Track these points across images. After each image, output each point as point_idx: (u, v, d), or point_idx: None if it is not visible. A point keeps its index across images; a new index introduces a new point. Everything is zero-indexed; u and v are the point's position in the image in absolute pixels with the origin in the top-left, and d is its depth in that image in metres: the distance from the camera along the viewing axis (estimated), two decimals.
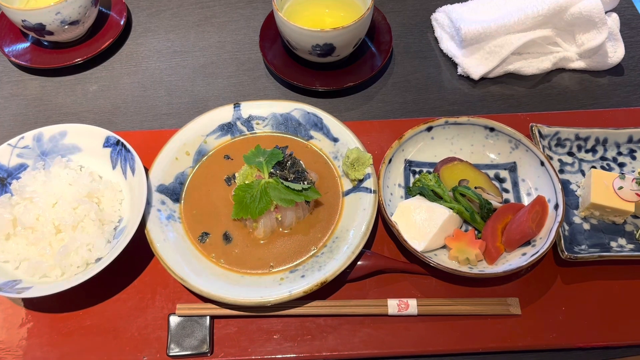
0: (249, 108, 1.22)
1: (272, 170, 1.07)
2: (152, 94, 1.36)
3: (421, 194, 1.10)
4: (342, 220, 1.09)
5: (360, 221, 1.06)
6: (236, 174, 1.12)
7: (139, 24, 1.47)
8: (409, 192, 1.12)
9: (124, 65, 1.41)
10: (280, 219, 1.07)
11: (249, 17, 1.46)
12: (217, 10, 1.49)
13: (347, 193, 1.12)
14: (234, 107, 1.22)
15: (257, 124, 1.22)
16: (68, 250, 1.02)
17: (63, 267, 1.02)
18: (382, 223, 1.13)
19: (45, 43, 1.44)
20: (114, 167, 1.16)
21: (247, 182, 1.07)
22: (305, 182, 1.07)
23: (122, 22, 1.44)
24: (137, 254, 1.10)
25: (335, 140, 1.18)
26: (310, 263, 1.04)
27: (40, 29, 1.31)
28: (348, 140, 1.16)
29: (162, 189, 1.12)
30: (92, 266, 1.01)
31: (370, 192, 1.08)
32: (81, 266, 1.03)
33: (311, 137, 1.20)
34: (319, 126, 1.19)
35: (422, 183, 1.10)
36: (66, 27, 1.33)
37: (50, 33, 1.34)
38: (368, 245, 1.10)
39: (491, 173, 1.17)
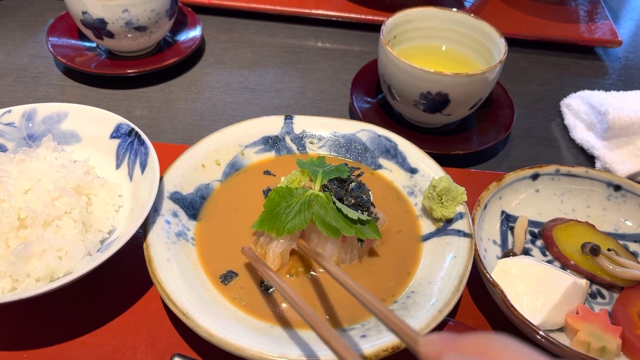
0: (303, 123, 0.96)
1: (327, 183, 0.78)
2: (208, 124, 1.11)
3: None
4: (421, 270, 0.78)
5: (448, 272, 0.74)
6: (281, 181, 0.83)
7: (211, 55, 1.31)
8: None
9: (184, 91, 1.20)
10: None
11: (338, 69, 1.29)
12: (304, 56, 1.33)
13: (428, 237, 0.82)
14: (285, 119, 0.95)
15: (311, 142, 0.95)
16: (29, 251, 0.70)
17: (16, 276, 0.70)
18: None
19: (102, 49, 1.22)
20: (118, 166, 0.87)
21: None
22: (366, 214, 0.77)
23: (192, 47, 1.23)
24: (123, 281, 0.79)
25: (412, 171, 0.90)
26: (374, 320, 0.71)
27: (100, 27, 1.09)
28: (431, 172, 0.88)
29: (178, 198, 0.83)
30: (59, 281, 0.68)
31: (463, 235, 0.78)
32: (43, 279, 0.71)
33: (380, 167, 0.92)
34: (392, 153, 0.92)
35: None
36: (130, 31, 1.11)
37: (110, 35, 1.11)
38: (452, 311, 0.77)
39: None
